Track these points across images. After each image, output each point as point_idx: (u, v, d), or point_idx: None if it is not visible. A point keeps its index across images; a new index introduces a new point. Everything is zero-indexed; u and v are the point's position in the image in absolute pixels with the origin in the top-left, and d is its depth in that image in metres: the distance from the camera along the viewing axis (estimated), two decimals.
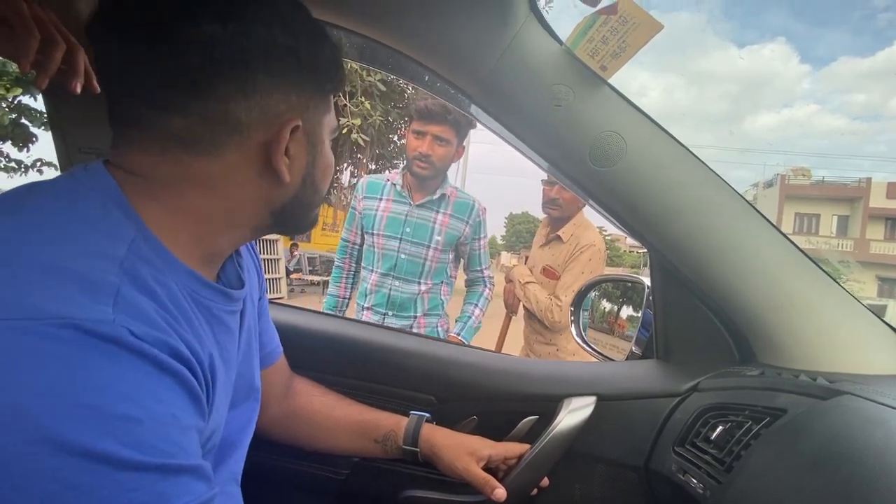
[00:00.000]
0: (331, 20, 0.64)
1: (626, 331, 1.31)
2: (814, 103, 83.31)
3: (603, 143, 0.64)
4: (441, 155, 1.50)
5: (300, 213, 0.52)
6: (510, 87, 0.63)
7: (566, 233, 1.80)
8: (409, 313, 1.53)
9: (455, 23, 0.61)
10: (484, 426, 0.83)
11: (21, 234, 0.36)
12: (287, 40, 0.44)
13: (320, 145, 0.50)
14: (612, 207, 0.70)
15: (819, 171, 42.81)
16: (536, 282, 1.82)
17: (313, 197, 0.52)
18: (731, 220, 0.68)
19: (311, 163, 0.49)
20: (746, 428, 0.61)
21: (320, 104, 0.49)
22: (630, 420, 0.75)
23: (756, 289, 0.70)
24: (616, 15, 0.53)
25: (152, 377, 0.34)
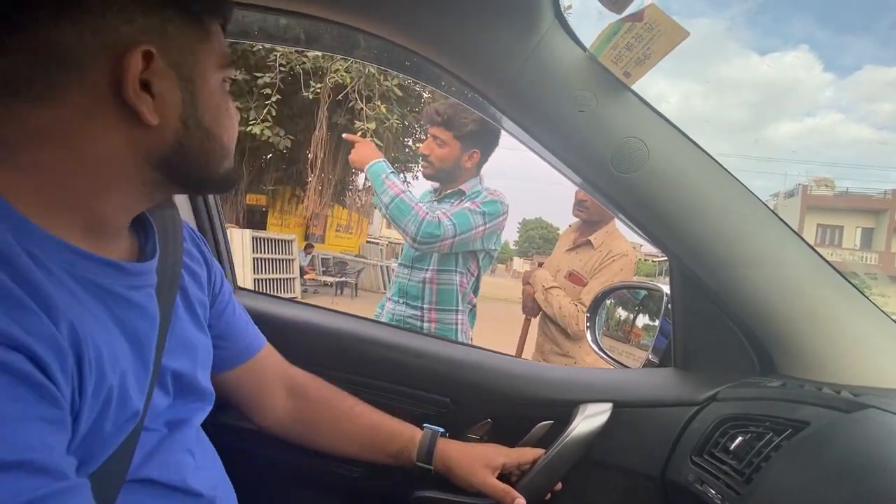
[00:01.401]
0: (353, 23, 0.65)
1: (642, 339, 1.29)
2: (838, 112, 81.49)
3: (625, 149, 0.64)
4: (439, 155, 1.53)
5: (195, 164, 0.46)
6: (533, 93, 0.64)
7: (597, 239, 1.79)
8: (417, 302, 1.53)
9: (479, 28, 0.62)
10: (498, 429, 0.83)
11: None
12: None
13: (199, 80, 0.44)
14: (632, 213, 0.70)
15: (843, 182, 41.91)
16: (560, 287, 1.80)
17: (208, 144, 0.46)
18: (755, 229, 0.68)
19: (190, 101, 0.43)
20: (767, 439, 0.60)
21: (187, 30, 0.42)
22: (646, 428, 0.74)
23: (779, 299, 0.69)
24: (642, 22, 0.53)
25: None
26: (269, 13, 0.69)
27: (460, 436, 0.83)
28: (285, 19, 0.71)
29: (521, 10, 0.60)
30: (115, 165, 0.41)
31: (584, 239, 1.85)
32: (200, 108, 0.44)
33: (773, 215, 0.68)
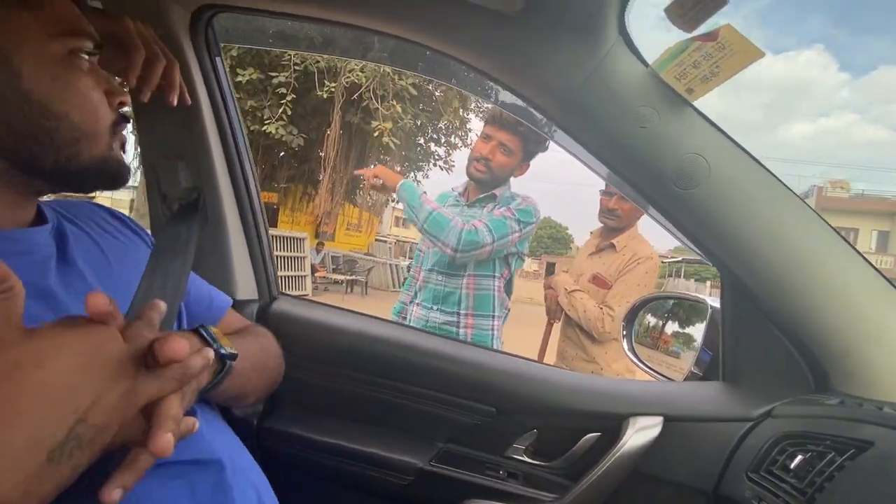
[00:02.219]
0: (411, 37, 0.66)
1: (671, 346, 1.29)
2: (853, 113, 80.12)
3: (686, 165, 0.64)
4: (501, 163, 1.51)
5: (39, 147, 0.42)
6: (595, 109, 0.64)
7: (620, 242, 1.78)
8: (453, 308, 1.53)
9: (543, 45, 0.62)
10: (544, 440, 0.83)
11: None
12: None
13: (18, 54, 0.41)
14: (689, 229, 0.69)
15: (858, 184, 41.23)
16: (583, 290, 1.80)
17: (48, 123, 0.42)
18: (813, 246, 0.67)
19: (9, 73, 0.40)
20: (829, 459, 0.60)
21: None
22: (698, 443, 0.74)
23: (836, 315, 0.68)
24: (715, 41, 0.53)
25: None
26: (328, 25, 0.69)
27: (506, 447, 0.84)
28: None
29: (587, 27, 0.60)
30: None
31: (606, 243, 1.84)
32: (26, 83, 0.41)
33: (832, 232, 0.68)
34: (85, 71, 0.46)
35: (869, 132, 73.26)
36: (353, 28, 0.68)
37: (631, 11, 0.59)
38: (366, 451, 0.82)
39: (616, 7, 0.58)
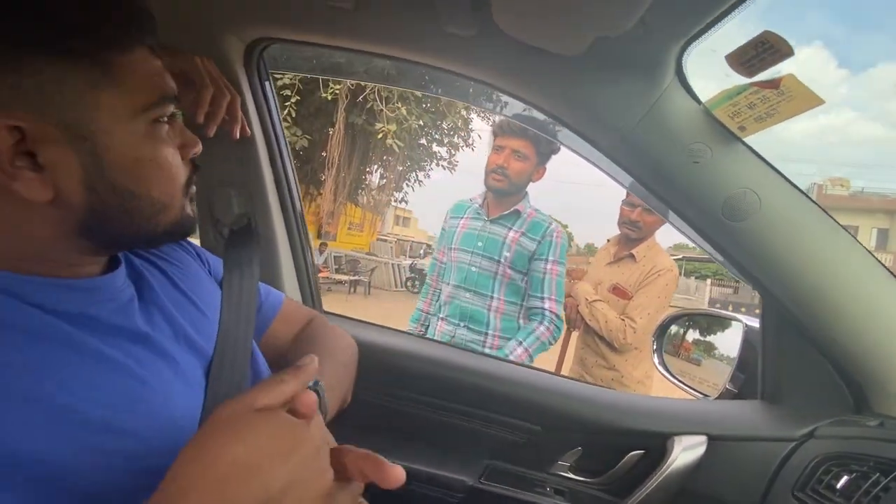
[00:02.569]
0: (477, 76, 0.68)
1: (692, 354, 1.32)
2: (851, 110, 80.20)
3: (737, 198, 0.67)
4: (517, 170, 1.53)
5: (121, 227, 0.41)
6: (650, 145, 0.67)
7: (640, 253, 1.81)
8: (480, 328, 1.55)
9: (603, 85, 0.65)
10: (588, 457, 0.86)
11: None
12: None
13: (101, 137, 0.38)
14: (735, 258, 0.72)
15: (858, 182, 41.34)
16: (603, 300, 1.83)
17: (126, 203, 0.40)
18: (855, 275, 0.70)
19: (93, 164, 0.38)
20: (874, 480, 0.63)
21: (78, 79, 0.36)
22: (742, 461, 0.77)
23: (876, 341, 0.71)
24: (776, 89, 0.55)
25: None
26: (393, 60, 0.72)
27: (551, 464, 0.87)
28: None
29: (646, 69, 0.63)
30: (30, 238, 0.39)
31: (625, 252, 1.87)
32: (108, 168, 0.38)
33: (873, 260, 0.70)
34: (163, 138, 0.43)
35: (868, 129, 73.31)
36: (420, 65, 0.70)
37: (689, 55, 0.61)
38: (416, 469, 0.84)
39: (675, 51, 0.60)
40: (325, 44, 0.77)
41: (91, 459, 0.36)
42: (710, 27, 0.55)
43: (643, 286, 1.77)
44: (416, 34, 0.68)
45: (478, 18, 0.61)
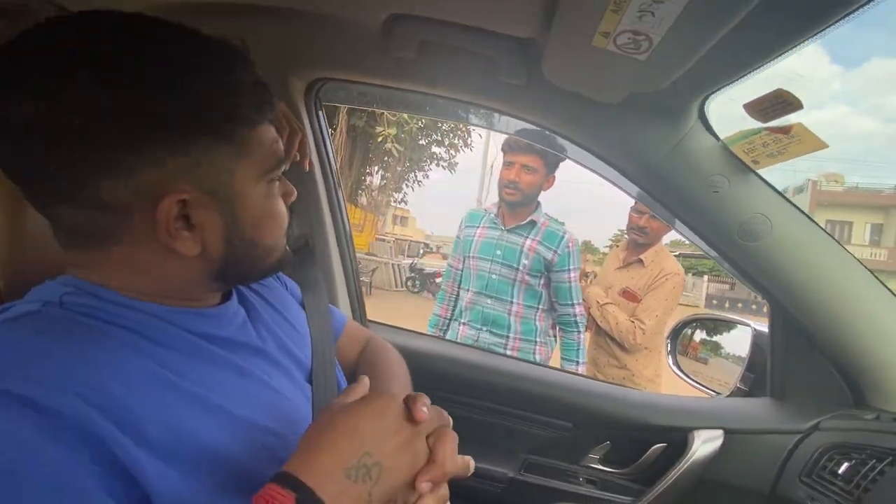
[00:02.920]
0: (528, 118, 0.78)
1: (700, 353, 1.42)
2: (845, 105, 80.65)
3: (751, 223, 0.77)
4: (528, 182, 1.64)
5: (245, 269, 0.49)
6: (675, 176, 0.76)
7: (648, 257, 1.91)
8: (502, 332, 1.66)
9: (635, 127, 0.74)
10: (616, 451, 0.96)
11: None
12: (137, 102, 0.38)
13: (237, 199, 0.45)
14: (749, 274, 0.82)
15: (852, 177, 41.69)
16: (614, 303, 1.93)
17: (253, 251, 0.48)
18: (854, 287, 0.80)
19: (231, 223, 0.45)
20: (871, 466, 0.73)
21: (221, 153, 0.42)
22: (755, 452, 0.87)
23: (872, 344, 0.81)
24: (787, 134, 0.65)
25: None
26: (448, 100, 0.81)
27: (583, 457, 0.96)
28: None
29: (673, 113, 0.72)
30: (174, 283, 0.46)
31: (634, 257, 1.97)
32: (241, 224, 0.45)
33: (867, 273, 0.80)
34: (278, 194, 0.50)
35: (861, 124, 73.78)
36: (472, 105, 0.80)
37: (710, 102, 0.71)
38: None
39: (698, 102, 0.70)
40: (383, 85, 0.86)
41: (242, 449, 0.45)
42: (729, 85, 0.65)
43: (651, 289, 1.87)
44: (472, 81, 0.77)
45: (529, 70, 0.71)
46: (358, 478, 0.39)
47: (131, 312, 0.44)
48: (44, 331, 0.39)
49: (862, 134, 70.60)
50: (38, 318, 0.41)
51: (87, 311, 0.43)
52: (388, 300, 10.48)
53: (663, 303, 1.82)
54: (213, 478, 0.41)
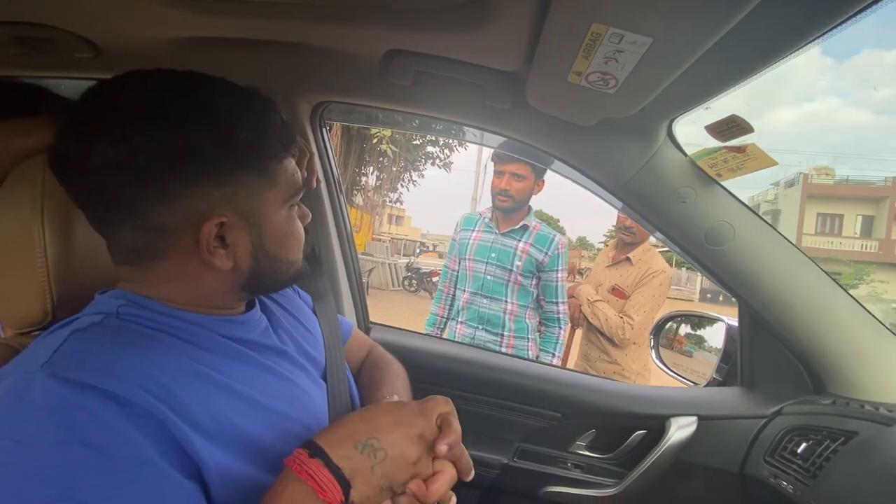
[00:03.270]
0: (515, 136, 0.86)
1: (684, 347, 1.51)
2: (836, 97, 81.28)
3: (716, 229, 0.85)
4: (519, 189, 1.73)
5: (268, 281, 0.56)
6: (648, 189, 0.85)
7: (635, 256, 2.00)
8: (497, 329, 1.75)
9: (611, 146, 0.83)
10: (601, 438, 1.05)
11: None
12: (189, 144, 0.46)
13: (264, 222, 0.52)
14: (717, 274, 0.91)
15: (842, 170, 42.06)
16: (604, 300, 2.02)
17: (275, 266, 0.55)
18: (810, 285, 0.89)
19: (258, 242, 0.52)
20: (826, 445, 0.82)
21: (255, 185, 0.51)
22: (726, 435, 0.96)
23: (829, 336, 0.90)
24: (743, 153, 0.74)
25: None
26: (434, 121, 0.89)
27: (570, 444, 1.05)
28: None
29: (644, 134, 0.81)
30: (208, 292, 0.54)
31: (622, 256, 2.06)
32: (267, 242, 0.53)
33: (824, 275, 0.89)
34: (297, 217, 0.58)
35: (853, 116, 74.42)
36: (462, 124, 0.88)
37: (678, 122, 0.79)
38: None
39: (666, 123, 0.78)
40: (381, 107, 0.94)
41: (272, 435, 0.53)
42: (695, 108, 0.73)
43: (639, 287, 1.96)
44: (462, 105, 0.85)
45: (514, 96, 0.79)
46: (364, 451, 0.47)
47: (174, 320, 0.52)
48: (108, 338, 0.48)
49: (853, 126, 71.23)
50: (102, 327, 0.49)
51: (138, 320, 0.51)
52: (385, 300, 10.56)
53: (651, 299, 1.91)
54: (249, 456, 0.49)
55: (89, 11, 0.74)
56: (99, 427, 0.40)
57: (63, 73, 0.97)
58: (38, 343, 0.47)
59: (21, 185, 0.58)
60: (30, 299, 0.57)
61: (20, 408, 0.40)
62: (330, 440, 0.47)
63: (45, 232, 0.56)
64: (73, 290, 0.58)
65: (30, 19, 0.77)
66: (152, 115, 0.46)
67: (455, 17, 0.62)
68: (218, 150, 0.47)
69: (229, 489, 0.46)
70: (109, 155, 0.45)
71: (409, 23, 0.66)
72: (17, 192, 0.58)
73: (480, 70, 0.74)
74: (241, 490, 0.47)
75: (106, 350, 0.46)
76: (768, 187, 28.10)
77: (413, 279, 12.46)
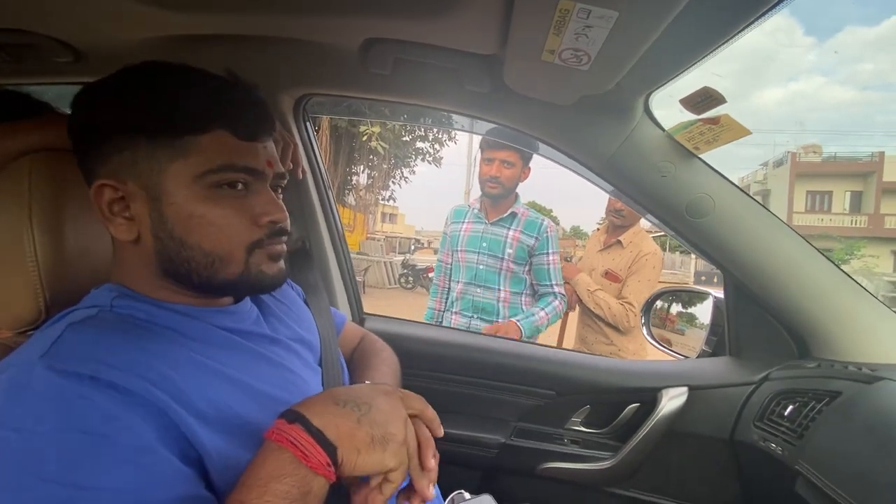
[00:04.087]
0: (495, 120, 0.88)
1: (677, 325, 1.53)
2: (820, 75, 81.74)
3: (696, 201, 0.87)
4: (508, 175, 1.75)
5: (185, 271, 0.52)
6: (628, 165, 0.87)
7: (626, 239, 2.02)
8: (492, 317, 1.77)
9: (590, 124, 0.84)
10: (595, 413, 1.07)
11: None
12: (108, 113, 0.50)
13: (164, 195, 0.49)
14: (700, 246, 0.93)
15: (830, 147, 42.32)
16: (601, 288, 2.04)
17: (185, 253, 0.51)
18: (790, 252, 0.91)
19: (158, 217, 0.50)
20: (811, 406, 0.84)
21: (158, 154, 0.49)
22: (715, 404, 0.98)
23: (811, 301, 0.92)
24: (717, 124, 0.75)
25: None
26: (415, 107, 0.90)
27: (566, 421, 1.07)
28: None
29: (622, 110, 0.82)
30: (136, 274, 0.54)
31: (613, 240, 2.08)
32: (168, 220, 0.50)
33: (804, 242, 0.91)
34: (225, 201, 0.51)
35: (838, 93, 74.86)
36: (442, 111, 0.89)
37: (653, 97, 0.81)
38: (458, 433, 1.04)
39: (642, 98, 0.80)
40: (363, 97, 0.95)
41: (266, 417, 0.52)
42: (670, 82, 0.74)
43: (634, 272, 1.98)
44: (441, 91, 0.86)
45: (491, 79, 0.80)
46: (346, 406, 0.46)
47: (166, 312, 0.54)
48: (104, 330, 0.49)
49: (839, 103, 71.70)
50: (97, 320, 0.50)
51: (131, 311, 0.52)
52: (382, 298, 10.57)
53: (647, 283, 1.94)
54: (249, 442, 0.50)
55: (66, 14, 0.74)
56: (98, 415, 0.41)
57: (45, 79, 0.97)
58: (37, 336, 0.48)
59: (7, 189, 0.59)
60: (23, 300, 0.58)
61: (20, 398, 0.41)
62: (309, 405, 0.45)
63: (34, 233, 0.57)
64: (65, 289, 0.59)
65: (6, 25, 0.78)
66: (100, 90, 0.52)
67: (429, 1, 0.63)
68: (121, 116, 0.49)
69: (230, 475, 0.46)
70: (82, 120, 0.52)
71: (385, 10, 0.67)
72: (3, 195, 0.59)
73: (457, 55, 0.75)
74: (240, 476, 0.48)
75: (102, 341, 0.47)
76: (757, 168, 28.27)
77: (409, 276, 12.47)
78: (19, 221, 0.57)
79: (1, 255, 0.57)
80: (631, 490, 1.04)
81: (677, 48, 0.67)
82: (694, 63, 0.71)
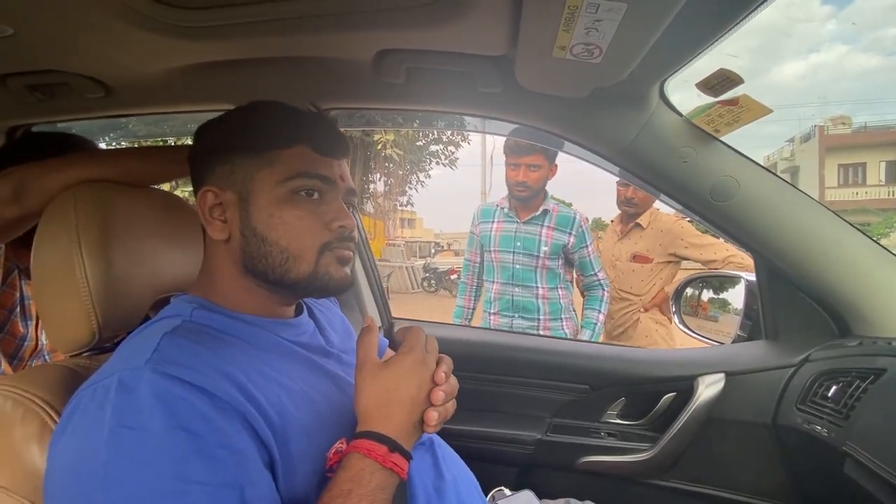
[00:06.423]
0: (508, 119, 0.88)
1: (709, 312, 1.50)
2: (843, 44, 78.48)
3: (720, 185, 0.86)
4: (535, 178, 1.76)
5: (263, 266, 0.57)
6: (647, 153, 0.86)
7: (644, 220, 2.01)
8: (533, 315, 1.79)
9: (605, 115, 0.84)
10: (631, 405, 1.06)
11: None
12: (218, 139, 0.60)
13: (253, 197, 0.57)
14: (727, 229, 0.91)
15: (860, 117, 40.57)
16: (627, 269, 2.01)
17: (264, 248, 0.57)
18: (822, 229, 0.89)
19: (245, 216, 0.57)
20: (856, 385, 0.82)
21: (249, 164, 0.58)
22: (754, 388, 0.96)
23: (848, 278, 0.90)
24: (736, 105, 0.75)
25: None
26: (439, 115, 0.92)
27: (602, 414, 1.07)
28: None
29: (637, 98, 0.82)
30: (222, 273, 0.60)
31: (632, 224, 2.06)
32: (252, 219, 0.57)
33: (834, 216, 0.89)
34: (301, 205, 0.58)
35: (863, 60, 71.73)
36: (457, 114, 0.90)
37: (669, 83, 0.80)
38: (496, 432, 1.05)
39: (657, 85, 0.79)
40: (378, 108, 0.97)
41: (321, 425, 0.57)
42: (683, 67, 0.74)
43: (689, 244, 1.94)
44: (455, 95, 0.87)
45: (503, 79, 0.81)
46: (402, 407, 0.53)
47: (237, 322, 0.58)
48: (190, 339, 0.52)
49: (864, 71, 68.68)
50: (184, 329, 0.54)
51: (208, 322, 0.57)
52: (406, 303, 10.64)
53: (704, 237, 1.91)
54: (309, 451, 0.54)
55: (96, 52, 0.79)
56: (198, 416, 0.45)
57: (77, 115, 1.02)
58: (133, 344, 0.53)
59: (56, 219, 0.63)
60: (78, 324, 0.61)
61: (132, 398, 0.45)
62: (389, 426, 0.52)
63: (84, 260, 0.60)
64: (115, 311, 0.63)
65: (41, 67, 0.82)
66: (213, 121, 0.64)
67: (438, 9, 0.64)
68: (224, 138, 0.60)
69: (292, 482, 0.50)
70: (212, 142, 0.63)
71: (396, 21, 0.69)
72: (52, 226, 0.63)
73: (469, 58, 0.77)
74: (302, 483, 0.51)
75: (191, 349, 0.51)
76: (783, 144, 27.29)
77: (431, 279, 12.52)
78: (70, 250, 0.60)
79: (55, 282, 0.61)
80: (672, 481, 1.02)
81: (689, 33, 0.67)
82: (707, 47, 0.71)
